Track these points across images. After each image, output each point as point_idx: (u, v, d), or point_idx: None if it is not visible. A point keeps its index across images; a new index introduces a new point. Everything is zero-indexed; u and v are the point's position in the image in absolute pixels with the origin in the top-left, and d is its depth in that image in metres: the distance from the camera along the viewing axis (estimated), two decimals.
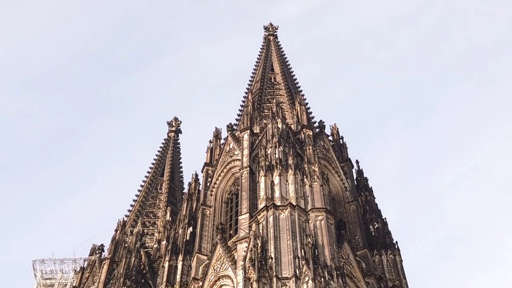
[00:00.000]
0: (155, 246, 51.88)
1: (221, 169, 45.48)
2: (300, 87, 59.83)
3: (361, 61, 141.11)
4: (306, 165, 39.67)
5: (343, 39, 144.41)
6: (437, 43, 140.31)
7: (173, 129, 76.71)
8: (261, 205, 36.70)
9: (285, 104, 51.81)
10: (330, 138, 49.52)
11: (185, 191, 50.30)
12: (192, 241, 41.33)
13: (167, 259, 41.83)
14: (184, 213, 45.40)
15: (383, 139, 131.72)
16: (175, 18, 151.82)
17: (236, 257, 35.17)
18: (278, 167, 39.04)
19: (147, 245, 53.43)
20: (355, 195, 44.65)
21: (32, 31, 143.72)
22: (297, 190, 37.37)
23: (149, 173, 67.93)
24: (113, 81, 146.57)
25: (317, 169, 39.33)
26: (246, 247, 33.82)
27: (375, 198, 46.08)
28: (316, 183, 38.04)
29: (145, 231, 57.11)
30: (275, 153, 40.45)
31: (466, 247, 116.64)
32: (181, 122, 78.19)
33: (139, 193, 65.15)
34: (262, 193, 37.74)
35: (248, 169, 41.40)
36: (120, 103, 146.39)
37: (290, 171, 38.82)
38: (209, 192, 44.23)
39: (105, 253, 54.66)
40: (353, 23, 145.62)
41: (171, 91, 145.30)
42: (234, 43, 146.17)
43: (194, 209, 44.97)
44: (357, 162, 48.53)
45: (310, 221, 35.05)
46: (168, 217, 52.37)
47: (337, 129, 51.10)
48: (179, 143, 75.45)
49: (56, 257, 56.86)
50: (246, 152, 43.48)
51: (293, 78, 61.97)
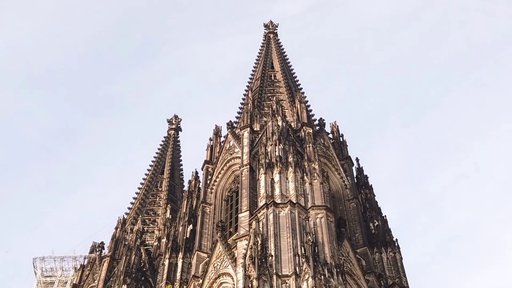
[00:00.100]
0: (155, 243, 51.93)
1: (221, 167, 45.45)
2: (300, 85, 59.92)
3: (361, 60, 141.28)
4: (306, 163, 39.65)
5: (343, 37, 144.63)
6: (437, 43, 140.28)
7: (173, 126, 76.67)
8: (261, 202, 36.71)
9: (285, 102, 51.76)
10: (330, 136, 49.51)
11: (185, 188, 50.32)
12: (192, 238, 41.36)
13: (167, 256, 41.91)
14: (184, 210, 45.41)
15: (383, 138, 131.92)
16: (175, 16, 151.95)
17: (236, 255, 35.19)
18: (278, 164, 39.03)
19: (147, 242, 53.48)
20: (355, 193, 44.70)
21: (32, 30, 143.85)
22: (297, 187, 37.36)
23: (149, 170, 67.94)
24: (113, 79, 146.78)
25: (317, 167, 39.32)
26: (246, 245, 33.83)
27: (375, 196, 46.15)
28: (316, 180, 38.04)
29: (145, 228, 57.16)
30: (275, 151, 40.42)
31: (465, 246, 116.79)
32: (181, 119, 78.30)
33: (139, 191, 65.16)
34: (262, 191, 37.73)
35: (248, 166, 41.39)
36: (120, 101, 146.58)
37: (290, 168, 38.81)
38: (209, 189, 44.22)
39: (105, 251, 54.72)
40: (354, 21, 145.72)
41: (171, 89, 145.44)
42: (234, 41, 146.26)
43: (194, 206, 44.98)
44: (357, 160, 48.72)
45: (310, 219, 35.06)
46: (168, 215, 52.40)
47: (337, 127, 51.09)
48: (179, 141, 75.51)
49: (56, 255, 57.06)
50: (246, 149, 43.44)
51: (293, 76, 61.93)
